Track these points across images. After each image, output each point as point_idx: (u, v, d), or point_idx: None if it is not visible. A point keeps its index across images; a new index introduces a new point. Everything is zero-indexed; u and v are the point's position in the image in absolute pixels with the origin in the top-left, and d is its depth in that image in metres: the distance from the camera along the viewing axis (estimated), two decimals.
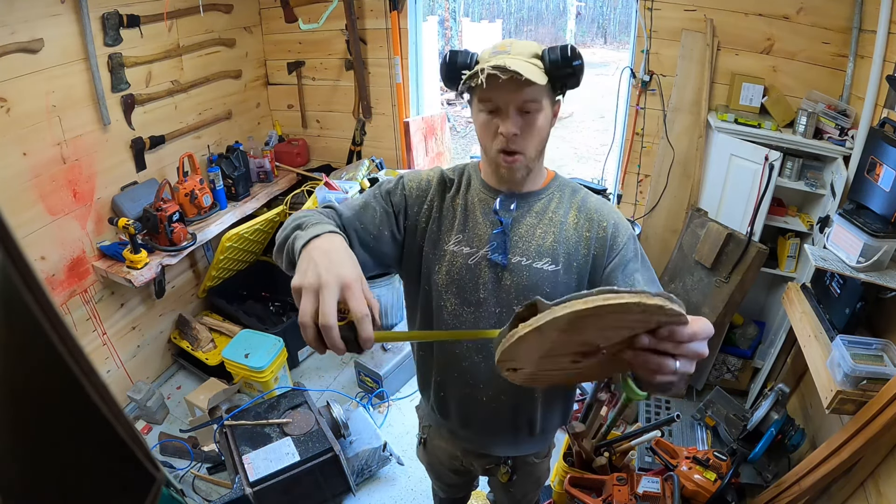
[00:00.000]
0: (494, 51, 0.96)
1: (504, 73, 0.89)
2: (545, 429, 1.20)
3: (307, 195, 2.85)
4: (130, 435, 0.40)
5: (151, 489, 0.45)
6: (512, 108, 0.95)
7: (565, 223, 1.04)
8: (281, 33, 3.03)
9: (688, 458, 1.78)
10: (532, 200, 1.07)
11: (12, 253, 0.29)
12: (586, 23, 12.98)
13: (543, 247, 1.03)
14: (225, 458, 2.06)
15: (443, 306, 1.08)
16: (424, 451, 1.38)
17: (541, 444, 1.27)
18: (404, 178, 1.11)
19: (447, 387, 1.16)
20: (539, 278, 1.02)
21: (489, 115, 0.97)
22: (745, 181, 2.25)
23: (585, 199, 1.08)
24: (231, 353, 2.45)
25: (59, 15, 1.99)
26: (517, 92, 0.93)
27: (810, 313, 1.85)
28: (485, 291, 1.04)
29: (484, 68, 0.90)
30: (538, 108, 0.96)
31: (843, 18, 2.09)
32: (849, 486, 1.55)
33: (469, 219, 1.07)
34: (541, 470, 1.33)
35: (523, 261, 1.03)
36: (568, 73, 0.94)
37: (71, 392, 0.35)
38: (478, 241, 1.04)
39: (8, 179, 1.92)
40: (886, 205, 1.66)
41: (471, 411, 1.15)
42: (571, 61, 0.93)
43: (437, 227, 1.08)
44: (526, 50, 0.95)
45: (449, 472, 1.38)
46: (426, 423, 1.34)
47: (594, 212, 1.05)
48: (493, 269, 1.03)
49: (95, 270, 2.29)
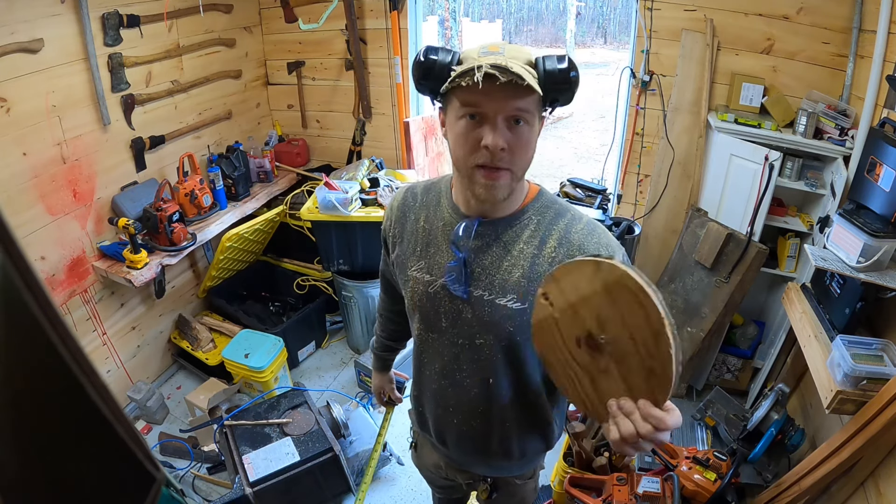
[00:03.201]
0: (484, 51, 0.84)
1: (504, 74, 0.77)
2: (524, 452, 1.12)
3: (307, 195, 2.85)
4: (130, 435, 0.40)
5: (151, 489, 0.45)
6: (500, 117, 0.82)
7: (539, 256, 0.92)
8: (281, 33, 3.03)
9: (688, 458, 1.78)
10: (501, 228, 0.94)
11: (12, 253, 0.29)
12: (586, 23, 12.99)
13: (509, 282, 0.92)
14: (225, 458, 2.06)
15: (413, 327, 1.09)
16: (416, 455, 1.37)
17: (521, 468, 1.19)
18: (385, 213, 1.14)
19: (424, 404, 1.15)
20: (501, 315, 0.93)
21: (470, 121, 0.84)
22: (745, 181, 2.25)
23: (569, 228, 0.94)
24: (231, 353, 2.45)
25: (59, 15, 1.99)
26: (510, 100, 0.81)
27: (810, 313, 1.85)
28: (446, 321, 0.99)
29: (481, 66, 0.77)
30: (530, 119, 0.85)
31: (843, 18, 2.09)
32: (849, 486, 1.55)
33: (431, 244, 0.99)
34: (524, 491, 1.25)
35: (486, 295, 0.94)
36: (563, 86, 0.84)
37: (71, 392, 0.35)
38: (437, 270, 0.97)
39: (8, 179, 1.92)
40: (886, 205, 1.66)
41: (445, 431, 1.12)
42: (568, 72, 0.83)
43: (401, 250, 1.05)
44: (520, 55, 0.83)
45: (439, 478, 1.36)
46: (415, 427, 1.32)
47: (577, 247, 0.92)
48: (452, 300, 0.97)
49: (95, 270, 2.29)
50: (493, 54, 0.82)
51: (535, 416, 1.09)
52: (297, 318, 2.81)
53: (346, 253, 2.64)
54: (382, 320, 1.38)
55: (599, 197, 2.58)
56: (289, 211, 2.89)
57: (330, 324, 3.15)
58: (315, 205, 2.56)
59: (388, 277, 1.23)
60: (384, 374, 1.48)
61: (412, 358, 1.16)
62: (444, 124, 0.92)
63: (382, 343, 1.41)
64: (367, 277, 2.72)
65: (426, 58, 0.86)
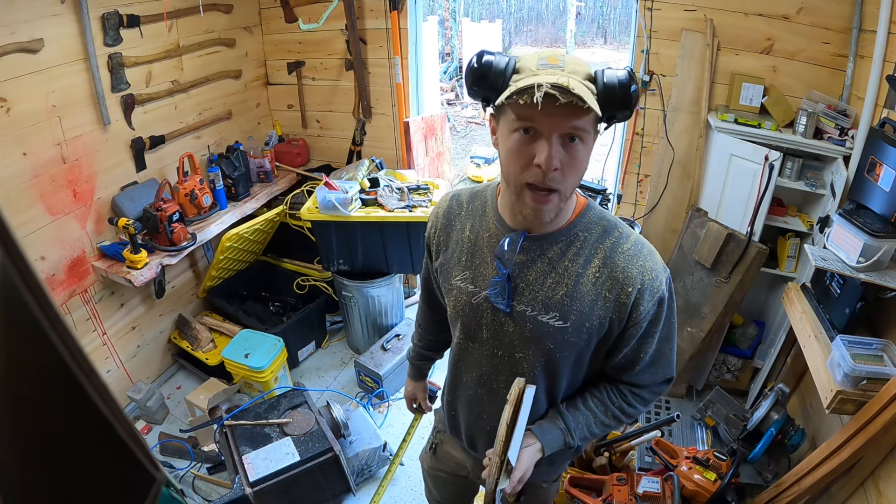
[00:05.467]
0: (542, 62, 0.80)
1: (565, 95, 0.73)
2: (553, 460, 1.12)
3: (307, 195, 2.85)
4: (130, 435, 0.40)
5: (151, 489, 0.45)
6: (556, 135, 0.79)
7: (583, 275, 0.91)
8: (281, 33, 3.02)
9: (688, 458, 1.78)
10: (546, 244, 0.92)
11: (12, 253, 0.29)
12: (586, 23, 12.98)
13: (553, 300, 0.92)
14: (225, 458, 2.06)
15: (454, 335, 1.09)
16: (433, 457, 1.36)
17: (548, 474, 1.22)
18: (429, 221, 1.12)
19: (458, 409, 1.16)
20: (543, 332, 0.93)
21: (524, 135, 0.81)
22: (745, 181, 2.25)
23: (615, 248, 0.92)
24: (231, 353, 2.45)
25: (58, 15, 1.99)
26: (567, 117, 0.77)
27: (810, 313, 1.84)
28: (487, 332, 1.00)
29: (541, 84, 0.73)
30: (586, 137, 0.81)
31: (843, 18, 2.09)
32: (849, 486, 1.55)
33: (476, 255, 0.99)
34: (548, 493, 1.29)
35: (528, 311, 0.93)
36: (622, 103, 0.79)
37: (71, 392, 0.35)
38: (482, 282, 0.97)
39: (8, 179, 1.92)
40: (886, 205, 1.66)
41: (476, 436, 1.14)
42: (629, 87, 0.79)
43: (445, 258, 1.05)
44: (580, 69, 0.80)
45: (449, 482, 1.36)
46: (442, 429, 1.31)
47: (620, 271, 0.90)
48: (495, 312, 0.97)
49: (95, 270, 2.29)
50: (553, 67, 0.79)
51: None
52: (297, 318, 2.81)
53: (346, 253, 2.65)
54: (421, 331, 1.36)
55: (599, 197, 2.58)
56: (289, 211, 2.89)
57: (330, 324, 3.15)
58: (315, 205, 2.56)
59: (429, 286, 1.22)
60: (419, 382, 1.46)
61: (449, 362, 1.17)
62: (495, 132, 0.89)
63: (420, 353, 1.39)
64: (367, 277, 2.72)
65: (480, 63, 0.82)
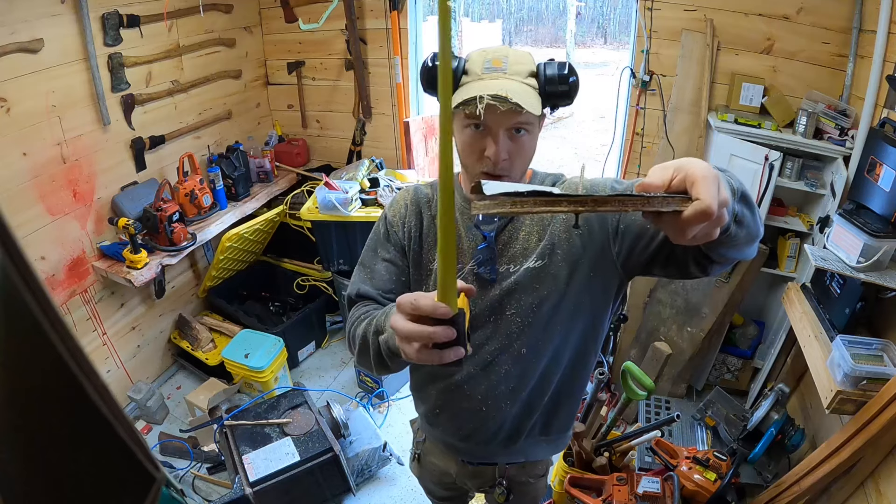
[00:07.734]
0: (488, 65, 0.89)
1: (504, 104, 0.84)
2: (560, 428, 1.15)
3: (307, 195, 2.85)
4: (130, 435, 0.40)
5: (151, 489, 0.45)
6: (502, 130, 0.89)
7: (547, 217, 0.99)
8: (281, 33, 3.02)
9: (688, 458, 1.78)
10: None
11: (12, 253, 0.29)
12: (586, 23, 12.98)
13: (528, 248, 0.99)
14: (225, 458, 2.06)
15: None
16: (418, 466, 1.35)
17: (555, 446, 1.20)
18: (386, 214, 1.09)
19: (443, 400, 1.12)
20: (526, 276, 0.98)
21: (475, 131, 0.91)
22: (745, 181, 2.21)
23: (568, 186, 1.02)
24: (231, 353, 2.45)
25: (59, 15, 1.99)
26: (510, 116, 0.87)
27: (810, 313, 1.84)
28: (473, 305, 1.01)
29: (482, 97, 0.84)
30: (531, 128, 0.92)
31: (843, 18, 2.09)
32: (849, 486, 1.55)
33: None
34: (537, 489, 1.30)
35: (511, 267, 1.00)
36: (563, 91, 0.90)
37: (71, 392, 0.35)
38: (461, 257, 1.01)
39: (8, 179, 1.92)
40: (886, 205, 1.66)
41: (471, 425, 1.10)
42: (568, 78, 0.89)
43: (418, 247, 1.05)
44: (522, 68, 0.90)
45: (441, 489, 1.35)
46: (420, 438, 1.30)
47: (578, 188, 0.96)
48: (479, 281, 1.01)
49: (95, 270, 2.29)
50: (497, 70, 0.89)
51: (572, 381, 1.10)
52: (297, 318, 2.81)
53: (346, 253, 2.65)
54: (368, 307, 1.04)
55: None
56: (289, 211, 2.89)
57: (330, 324, 3.15)
58: (315, 205, 2.56)
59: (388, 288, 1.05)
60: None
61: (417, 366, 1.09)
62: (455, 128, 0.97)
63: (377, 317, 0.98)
64: None
65: (433, 64, 0.93)
